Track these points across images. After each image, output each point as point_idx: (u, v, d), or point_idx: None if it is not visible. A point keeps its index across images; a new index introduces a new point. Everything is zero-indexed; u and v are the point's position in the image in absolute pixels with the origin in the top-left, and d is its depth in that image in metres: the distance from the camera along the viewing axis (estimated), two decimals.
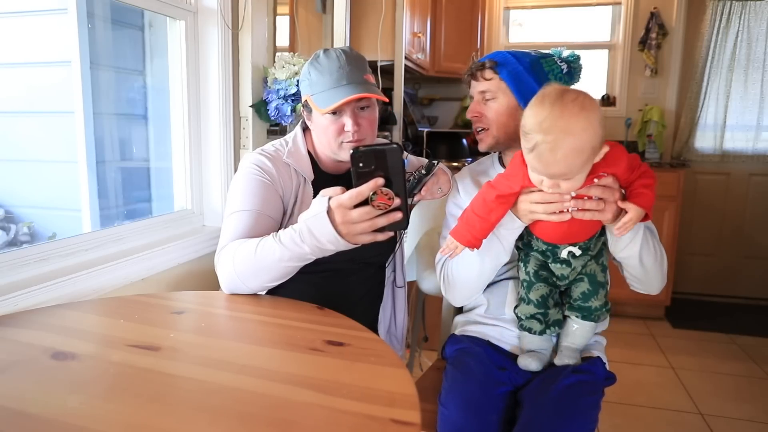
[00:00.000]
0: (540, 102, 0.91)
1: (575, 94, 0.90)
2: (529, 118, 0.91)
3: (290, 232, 0.97)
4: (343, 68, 1.10)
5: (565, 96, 0.89)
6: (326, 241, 0.93)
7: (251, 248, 1.02)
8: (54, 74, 1.53)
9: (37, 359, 0.75)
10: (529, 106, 0.93)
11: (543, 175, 0.93)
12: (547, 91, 0.92)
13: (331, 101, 1.07)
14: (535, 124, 0.89)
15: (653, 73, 3.47)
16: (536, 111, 0.90)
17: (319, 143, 1.20)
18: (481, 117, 1.17)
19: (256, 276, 1.03)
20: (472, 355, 1.15)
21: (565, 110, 0.88)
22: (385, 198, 0.90)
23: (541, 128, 0.89)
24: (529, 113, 0.92)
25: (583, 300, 1.10)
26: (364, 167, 0.90)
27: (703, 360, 2.59)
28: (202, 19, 1.66)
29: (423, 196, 1.15)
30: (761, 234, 3.48)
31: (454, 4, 3.25)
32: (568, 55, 1.16)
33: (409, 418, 0.62)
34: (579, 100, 0.89)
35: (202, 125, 1.71)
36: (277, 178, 1.16)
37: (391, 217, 0.91)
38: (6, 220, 1.47)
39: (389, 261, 1.31)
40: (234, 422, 0.61)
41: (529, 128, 0.91)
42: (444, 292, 1.23)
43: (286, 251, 0.97)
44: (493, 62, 1.14)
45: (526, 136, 0.92)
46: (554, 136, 0.88)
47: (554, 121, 0.88)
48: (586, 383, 1.07)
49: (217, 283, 1.08)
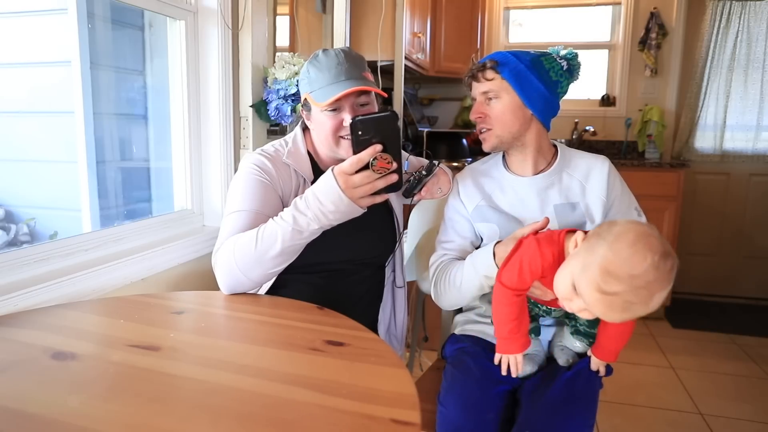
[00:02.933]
0: (642, 254, 0.82)
1: (672, 262, 0.83)
2: (622, 263, 0.83)
3: (292, 205, 1.02)
4: (342, 65, 1.11)
5: (667, 261, 0.83)
6: (330, 202, 0.97)
7: (252, 236, 1.03)
8: (54, 74, 1.53)
9: (37, 359, 0.75)
10: (626, 244, 0.84)
11: (593, 313, 0.88)
12: (652, 243, 0.83)
13: (330, 95, 1.08)
14: (628, 277, 0.82)
15: (653, 73, 3.47)
16: (636, 261, 0.82)
17: (319, 141, 1.20)
18: (485, 117, 1.17)
19: (259, 263, 1.02)
20: (471, 354, 1.15)
21: (658, 278, 0.82)
22: (385, 162, 0.96)
23: (633, 285, 0.82)
24: (625, 257, 0.83)
25: (590, 326, 1.09)
26: (362, 135, 0.97)
27: (703, 360, 2.59)
28: (202, 19, 1.66)
29: (423, 196, 1.16)
30: (761, 234, 3.48)
31: (454, 4, 3.25)
32: (566, 53, 1.16)
33: (409, 418, 0.62)
34: (674, 271, 0.83)
35: (202, 125, 1.71)
36: (277, 178, 1.16)
37: (389, 179, 0.98)
38: (6, 220, 1.47)
39: (388, 261, 1.31)
40: (234, 422, 0.61)
41: (619, 276, 0.82)
42: (433, 296, 1.26)
43: (288, 227, 1.00)
44: (494, 62, 1.14)
45: (606, 275, 0.83)
46: (638, 299, 0.83)
47: (647, 283, 0.82)
48: (585, 383, 1.07)
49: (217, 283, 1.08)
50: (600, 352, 1.07)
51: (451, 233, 1.24)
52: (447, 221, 1.26)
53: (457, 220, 1.23)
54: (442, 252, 1.24)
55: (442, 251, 1.24)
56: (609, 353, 1.06)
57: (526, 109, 1.14)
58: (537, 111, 1.14)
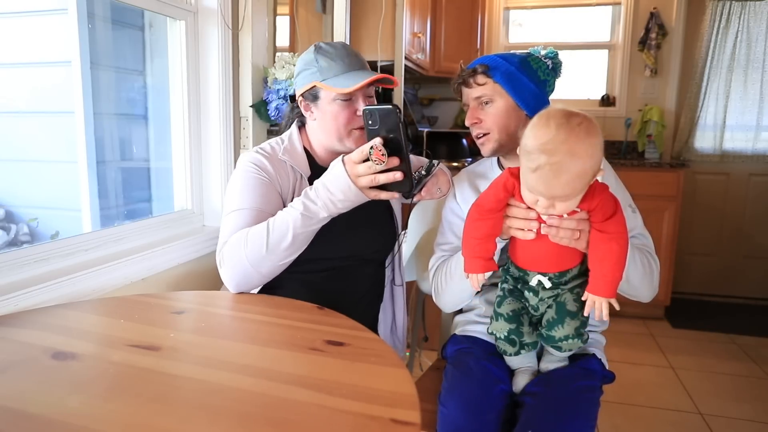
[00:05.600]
0: (545, 123, 0.88)
1: (580, 118, 0.88)
2: (533, 139, 0.89)
3: (302, 195, 1.06)
4: (351, 56, 1.15)
5: (571, 119, 0.88)
6: (339, 191, 1.01)
7: (262, 229, 1.05)
8: (54, 74, 1.53)
9: (37, 359, 0.75)
10: (531, 126, 0.91)
11: (542, 196, 0.92)
12: (551, 112, 0.90)
13: (351, 82, 1.10)
14: (540, 145, 0.88)
15: (653, 73, 3.47)
16: (541, 132, 0.88)
17: (324, 133, 1.19)
18: (481, 123, 1.17)
19: (271, 254, 1.04)
20: (472, 355, 1.15)
21: (571, 134, 0.86)
22: (379, 154, 0.98)
23: (546, 149, 0.87)
24: (533, 134, 0.89)
25: (548, 328, 1.06)
26: (372, 125, 1.01)
27: (703, 360, 2.59)
28: (202, 19, 1.66)
29: (423, 196, 1.16)
30: (761, 234, 3.48)
31: (454, 4, 3.25)
32: (547, 52, 1.17)
33: (409, 418, 0.62)
34: (584, 124, 0.87)
35: (202, 125, 1.71)
36: (275, 175, 1.16)
37: (391, 176, 1.00)
38: (6, 220, 1.48)
39: (389, 263, 1.32)
40: (234, 422, 0.61)
41: (532, 148, 0.89)
42: (434, 299, 1.25)
43: (297, 214, 1.03)
44: (485, 66, 1.14)
45: (528, 156, 0.89)
46: (559, 158, 0.86)
47: (559, 143, 0.86)
48: (586, 382, 1.07)
49: (217, 282, 1.08)
50: (598, 287, 0.98)
51: (448, 235, 1.24)
52: (444, 224, 1.26)
53: (455, 222, 1.23)
54: (440, 254, 1.24)
55: (440, 253, 1.24)
56: (607, 285, 0.97)
57: (521, 110, 1.14)
58: (531, 111, 1.14)
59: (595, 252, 0.97)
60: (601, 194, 0.95)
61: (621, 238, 0.95)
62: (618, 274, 0.96)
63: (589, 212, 0.96)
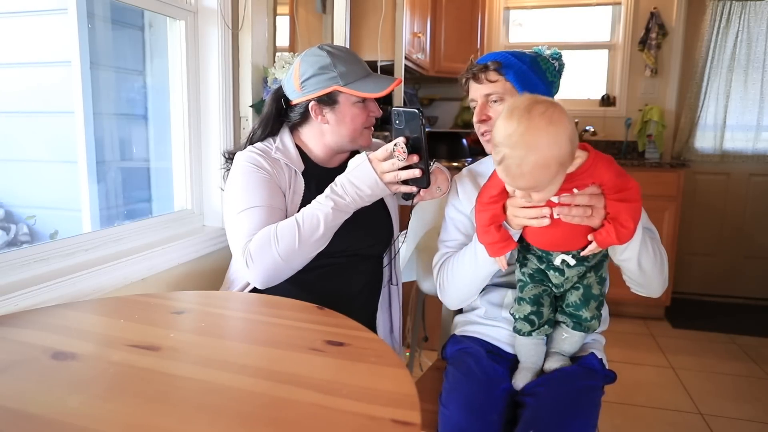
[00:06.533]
0: (509, 114, 0.88)
1: (544, 107, 0.87)
2: (498, 131, 0.89)
3: (327, 192, 1.11)
4: (361, 60, 1.23)
5: (533, 109, 0.86)
6: (366, 186, 1.09)
7: (291, 224, 1.09)
8: (54, 74, 1.53)
9: (37, 359, 0.75)
10: (499, 118, 0.91)
11: (511, 186, 0.94)
12: (516, 102, 0.89)
13: (377, 87, 1.18)
14: (503, 138, 0.87)
15: (653, 73, 3.47)
16: (505, 124, 0.88)
17: (337, 135, 1.23)
18: (490, 120, 1.16)
19: (303, 247, 1.08)
20: (473, 355, 1.15)
21: (531, 124, 0.85)
22: (401, 150, 1.06)
23: (509, 142, 0.87)
24: (499, 125, 0.89)
25: (575, 308, 1.09)
26: (398, 125, 1.09)
27: (703, 360, 2.59)
28: (202, 19, 1.66)
29: (423, 197, 1.16)
30: (761, 234, 3.48)
31: (454, 4, 3.25)
32: (551, 53, 1.18)
33: (409, 419, 0.62)
34: (548, 113, 0.86)
35: (202, 125, 1.70)
36: (272, 171, 1.19)
37: (411, 172, 1.07)
38: (6, 220, 1.47)
39: (386, 262, 1.32)
40: (234, 422, 0.61)
41: (497, 141, 0.89)
42: (440, 295, 1.24)
43: (330, 212, 1.08)
44: (498, 63, 1.13)
45: (495, 148, 0.90)
46: (520, 151, 0.86)
47: (520, 136, 0.86)
48: (587, 382, 1.07)
49: (217, 282, 1.08)
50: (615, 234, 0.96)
51: (452, 231, 1.24)
52: (448, 220, 1.26)
53: (458, 218, 1.23)
54: (444, 250, 1.24)
55: (445, 249, 1.24)
56: (625, 231, 0.96)
57: None
58: None
59: (611, 208, 0.96)
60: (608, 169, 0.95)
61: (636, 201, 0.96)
62: (632, 224, 0.95)
63: (601, 186, 0.96)
